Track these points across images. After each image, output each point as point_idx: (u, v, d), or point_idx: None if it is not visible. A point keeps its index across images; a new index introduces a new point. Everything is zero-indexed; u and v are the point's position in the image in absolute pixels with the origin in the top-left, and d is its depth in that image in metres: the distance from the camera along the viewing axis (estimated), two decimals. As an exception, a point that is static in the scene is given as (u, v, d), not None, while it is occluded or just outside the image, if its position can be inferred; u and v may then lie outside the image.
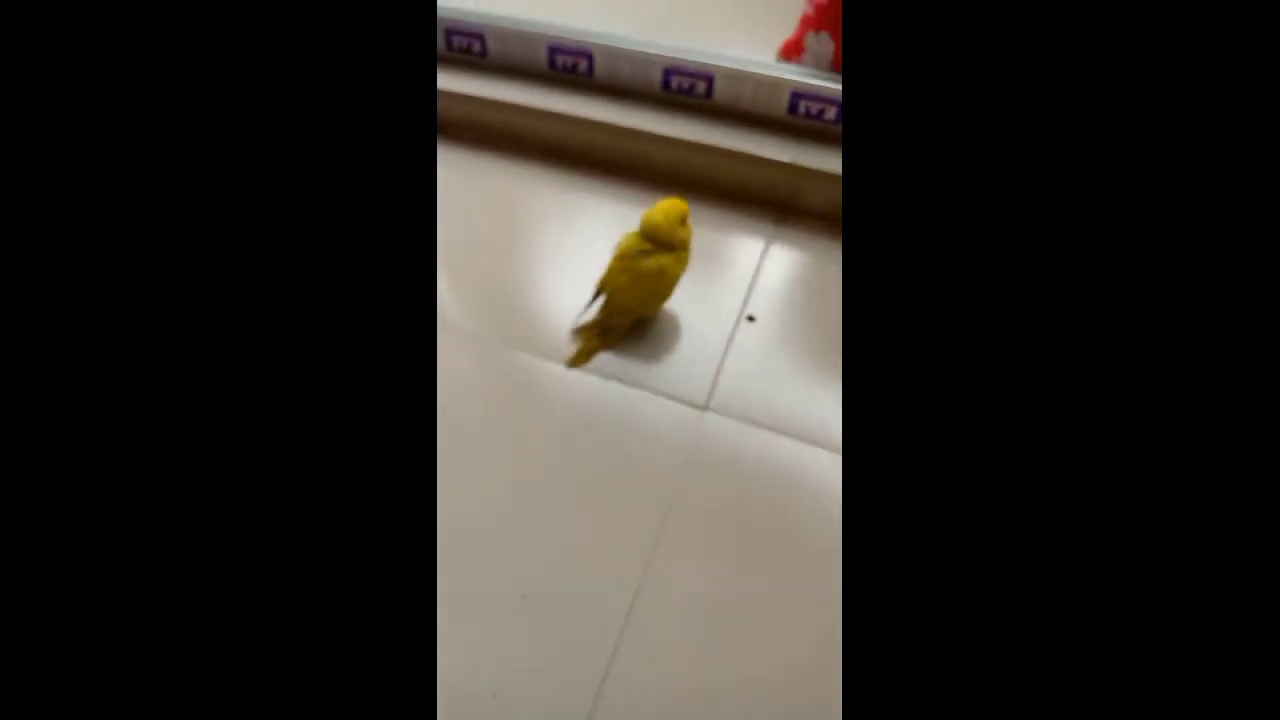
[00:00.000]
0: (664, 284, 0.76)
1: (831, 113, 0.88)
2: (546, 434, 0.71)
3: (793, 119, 0.89)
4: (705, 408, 0.73)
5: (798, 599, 0.61)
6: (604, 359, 0.76)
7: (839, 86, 0.86)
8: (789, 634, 0.59)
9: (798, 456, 0.69)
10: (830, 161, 0.86)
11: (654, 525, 0.64)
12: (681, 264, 0.75)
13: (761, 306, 0.81)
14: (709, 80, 0.90)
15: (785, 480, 0.68)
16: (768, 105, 0.89)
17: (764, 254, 0.87)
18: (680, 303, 0.79)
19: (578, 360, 0.76)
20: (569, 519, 0.65)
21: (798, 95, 0.88)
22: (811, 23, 0.97)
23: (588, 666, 0.56)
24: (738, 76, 0.88)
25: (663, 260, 0.74)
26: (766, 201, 0.92)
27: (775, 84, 0.87)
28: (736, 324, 0.80)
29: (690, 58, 0.89)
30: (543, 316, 0.80)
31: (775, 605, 0.60)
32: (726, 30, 1.16)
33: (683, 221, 0.74)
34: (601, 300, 0.76)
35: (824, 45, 0.96)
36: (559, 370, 0.75)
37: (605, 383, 0.75)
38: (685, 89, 0.91)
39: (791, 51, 1.00)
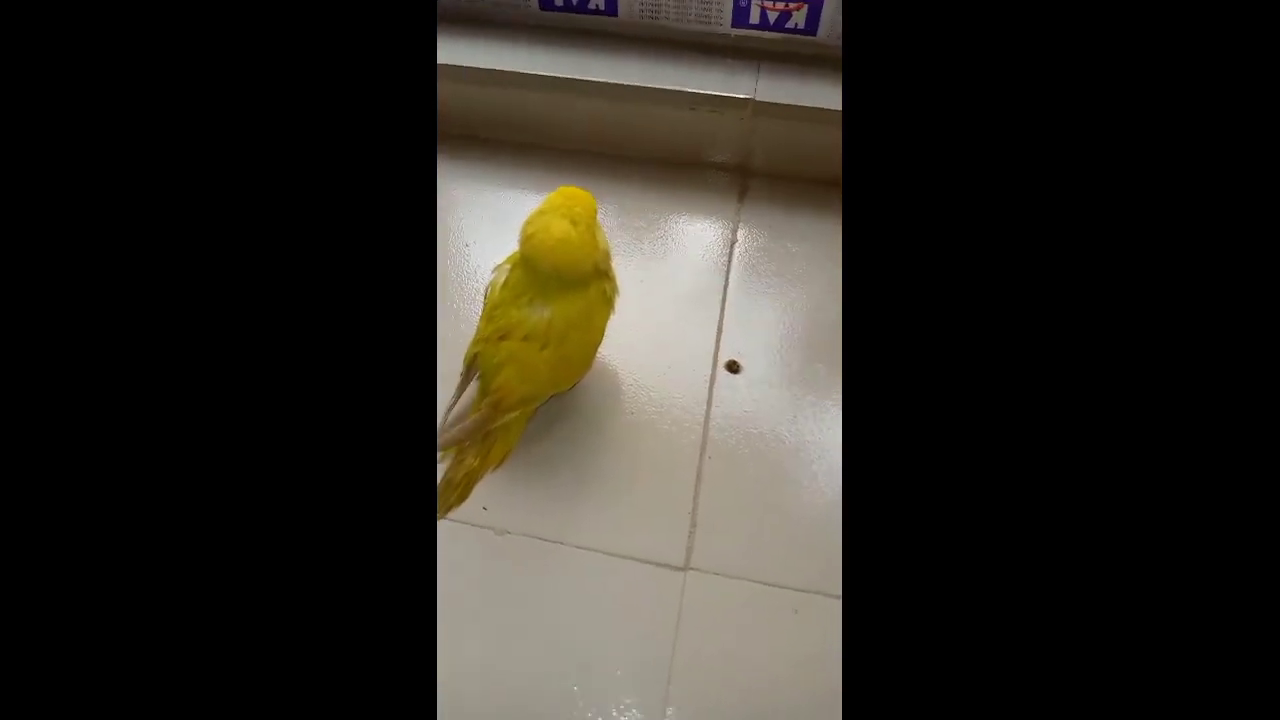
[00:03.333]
0: (582, 344, 0.45)
1: (800, 17, 0.58)
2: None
3: (742, 32, 0.59)
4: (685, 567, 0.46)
5: None
6: (494, 490, 0.47)
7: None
8: None
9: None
10: (803, 93, 0.57)
11: None
12: (607, 304, 0.45)
13: (742, 342, 0.54)
14: (609, -14, 0.58)
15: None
16: (699, 16, 0.59)
17: (731, 249, 0.58)
18: (612, 346, 0.51)
19: (450, 499, 0.44)
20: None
21: (745, -4, 0.57)
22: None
23: None
24: (653, -25, 0.57)
25: (569, 306, 0.43)
26: (721, 166, 0.63)
27: (710, -19, 0.57)
28: (713, 375, 0.52)
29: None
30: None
31: None
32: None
33: (592, 227, 0.43)
34: (475, 384, 0.44)
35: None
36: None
37: (506, 540, 0.46)
38: (576, 5, 0.60)
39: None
